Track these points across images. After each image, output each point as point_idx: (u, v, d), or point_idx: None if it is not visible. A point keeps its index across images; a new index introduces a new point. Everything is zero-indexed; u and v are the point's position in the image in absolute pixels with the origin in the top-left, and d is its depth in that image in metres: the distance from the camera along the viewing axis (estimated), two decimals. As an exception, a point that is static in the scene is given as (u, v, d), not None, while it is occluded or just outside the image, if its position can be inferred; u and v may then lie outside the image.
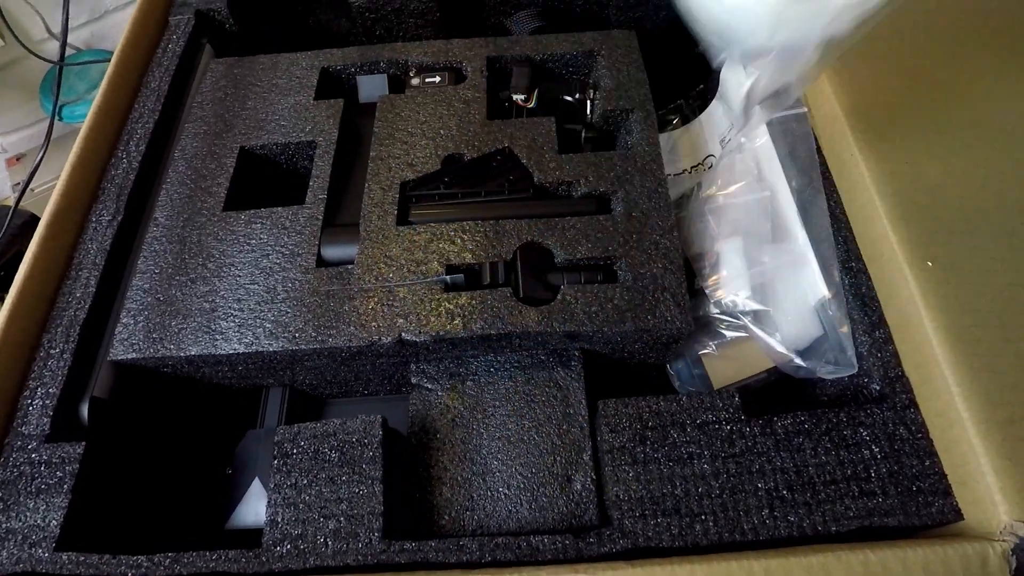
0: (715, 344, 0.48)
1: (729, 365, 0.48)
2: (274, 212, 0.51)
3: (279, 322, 0.46)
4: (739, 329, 0.47)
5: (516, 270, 0.47)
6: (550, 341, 0.45)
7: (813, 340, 0.45)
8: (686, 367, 0.50)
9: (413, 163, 0.53)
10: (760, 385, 0.49)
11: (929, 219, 0.41)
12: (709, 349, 0.48)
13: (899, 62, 0.48)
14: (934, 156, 0.43)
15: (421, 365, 0.48)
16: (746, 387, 0.49)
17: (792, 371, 0.45)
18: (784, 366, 0.46)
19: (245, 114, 0.57)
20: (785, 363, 0.45)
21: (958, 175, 0.42)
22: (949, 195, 0.42)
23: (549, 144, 0.53)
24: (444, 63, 0.59)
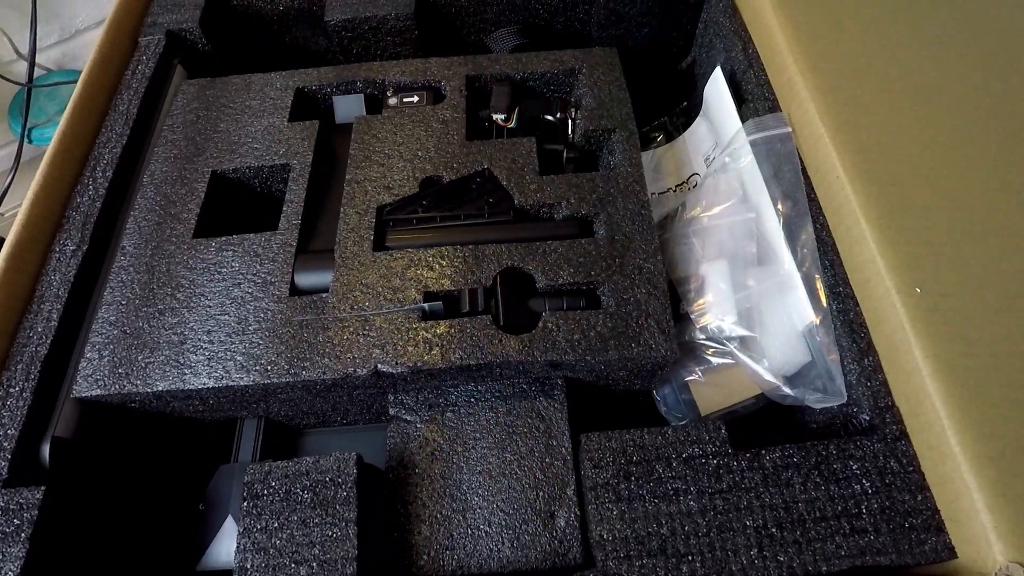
0: (701, 370, 0.47)
1: (716, 391, 0.47)
2: (246, 239, 0.49)
3: (251, 355, 0.44)
4: (725, 355, 0.46)
5: (496, 296, 0.45)
6: (532, 370, 0.44)
7: (801, 367, 0.44)
8: (672, 393, 0.48)
9: (390, 186, 0.51)
10: (747, 412, 0.48)
11: (917, 243, 0.40)
12: (695, 375, 0.47)
13: (885, 81, 0.47)
14: (921, 177, 0.42)
15: (399, 396, 0.46)
16: (733, 413, 0.47)
17: (779, 398, 0.44)
18: (771, 393, 0.44)
19: (217, 137, 0.56)
20: (772, 390, 0.44)
21: (946, 198, 0.41)
22: (937, 218, 0.41)
23: (530, 165, 0.51)
24: (422, 82, 0.58)
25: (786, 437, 0.48)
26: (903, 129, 0.45)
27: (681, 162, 0.62)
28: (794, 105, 0.48)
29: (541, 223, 0.50)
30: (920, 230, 0.40)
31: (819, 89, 0.46)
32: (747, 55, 0.54)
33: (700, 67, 0.66)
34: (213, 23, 0.65)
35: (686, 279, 0.49)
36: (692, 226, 0.51)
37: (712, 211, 0.50)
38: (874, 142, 0.44)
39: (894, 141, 0.44)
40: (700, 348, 0.47)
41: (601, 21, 0.63)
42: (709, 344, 0.46)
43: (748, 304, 0.45)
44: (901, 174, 0.43)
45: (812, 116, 0.46)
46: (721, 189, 0.51)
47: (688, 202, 0.53)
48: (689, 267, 0.49)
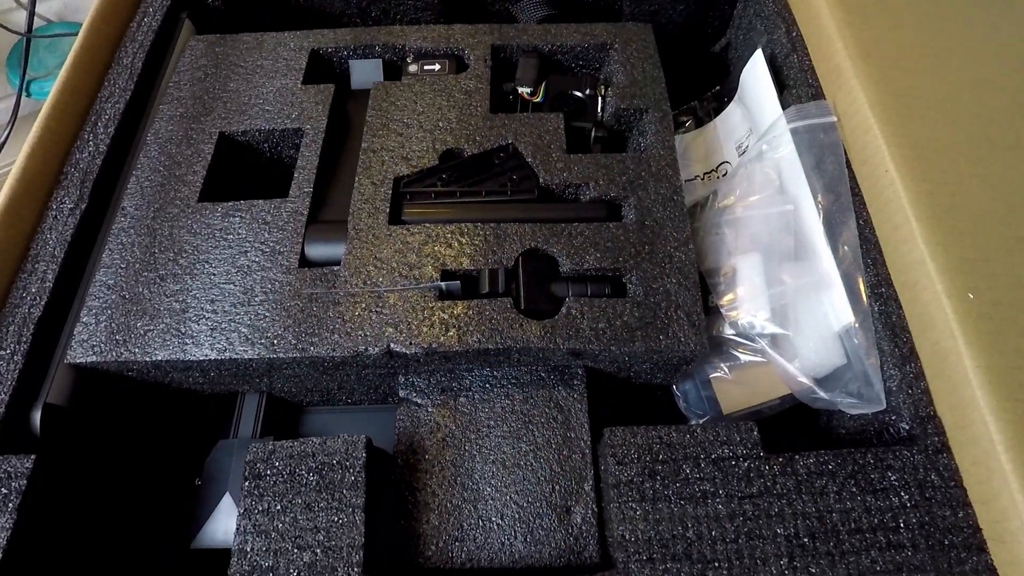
0: (727, 366, 0.45)
1: (741, 390, 0.45)
2: (254, 205, 0.47)
3: (256, 327, 0.42)
4: (756, 353, 0.43)
5: (518, 279, 0.43)
6: (552, 358, 0.42)
7: (834, 369, 0.42)
8: (694, 389, 0.46)
9: (408, 157, 0.49)
10: (772, 413, 0.46)
11: (969, 247, 0.38)
12: (720, 372, 0.45)
13: (942, 74, 0.44)
14: (976, 178, 0.40)
15: (410, 377, 0.44)
16: (757, 414, 0.45)
17: (809, 401, 0.42)
18: (802, 395, 0.42)
19: (226, 96, 0.53)
20: (804, 392, 0.42)
21: (1001, 201, 0.39)
22: (991, 222, 0.38)
23: (557, 142, 0.49)
24: (445, 50, 0.55)
25: (812, 441, 0.47)
26: (960, 126, 0.42)
27: (711, 149, 0.59)
28: (841, 93, 0.45)
29: (568, 204, 0.47)
30: (973, 233, 0.38)
31: (871, 78, 0.44)
32: (791, 38, 0.52)
33: (735, 51, 0.62)
34: (226, -25, 0.61)
35: (716, 271, 0.46)
36: (724, 216, 0.48)
37: (746, 201, 0.48)
38: (928, 138, 0.41)
39: (950, 138, 0.41)
40: (729, 344, 0.44)
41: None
42: (739, 340, 0.44)
43: (782, 301, 0.43)
44: (956, 173, 0.40)
45: (861, 106, 0.44)
46: (756, 178, 0.49)
47: (720, 191, 0.51)
48: (720, 259, 0.47)
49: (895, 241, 0.40)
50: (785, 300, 0.43)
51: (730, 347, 0.45)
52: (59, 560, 0.39)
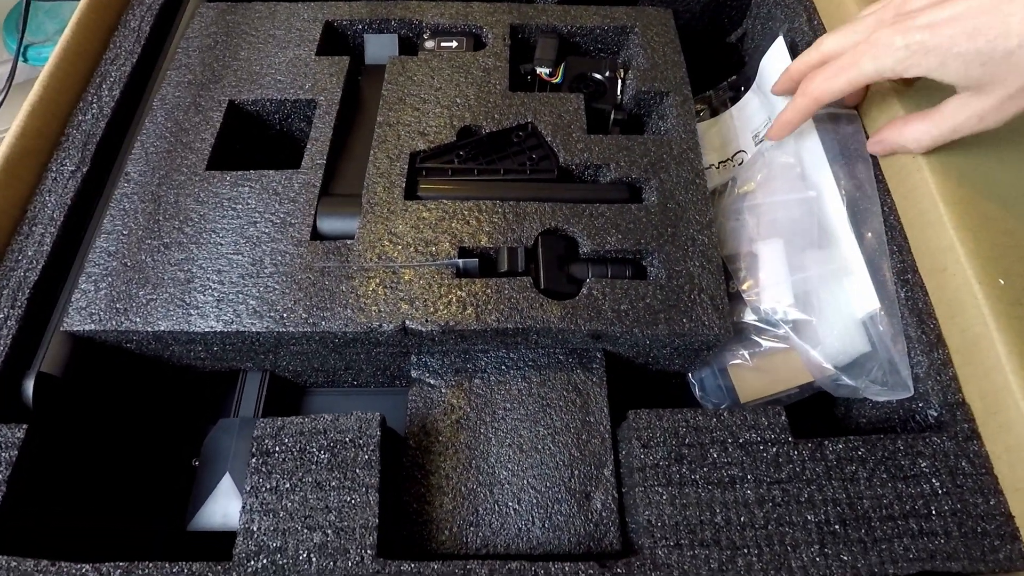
0: (748, 353, 0.44)
1: (760, 377, 0.44)
2: (264, 175, 0.45)
3: (265, 299, 0.40)
4: (779, 339, 0.43)
5: (537, 258, 0.42)
6: (571, 340, 0.41)
7: (858, 356, 0.41)
8: (711, 376, 0.45)
9: (425, 132, 0.47)
10: (790, 402, 0.45)
11: (999, 233, 0.37)
12: (740, 359, 0.44)
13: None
14: (1006, 163, 0.39)
15: (423, 357, 0.43)
16: (776, 402, 0.45)
17: (832, 388, 0.42)
18: (825, 382, 0.42)
19: (236, 65, 0.51)
20: (828, 379, 0.41)
21: (1031, 186, 0.39)
22: (1020, 207, 0.38)
23: (577, 123, 0.48)
24: (462, 27, 0.54)
25: (830, 428, 0.46)
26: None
27: (727, 138, 0.58)
28: (867, 80, 0.45)
29: (588, 185, 0.46)
30: (1003, 218, 0.38)
31: (897, 63, 0.43)
32: (812, 26, 0.51)
33: (752, 40, 0.62)
34: (236, -55, 0.60)
35: (736, 256, 0.46)
36: (745, 202, 0.47)
37: (768, 187, 0.47)
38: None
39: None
40: (750, 330, 0.44)
41: (654, -19, 0.59)
42: (761, 326, 0.43)
43: (805, 287, 0.42)
44: (982, 156, 0.40)
45: (887, 92, 0.43)
46: (777, 164, 0.48)
47: (740, 177, 0.50)
48: (741, 245, 0.46)
49: (921, 226, 0.39)
50: (808, 287, 0.42)
51: (752, 333, 0.44)
52: (50, 533, 0.37)
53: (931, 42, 0.32)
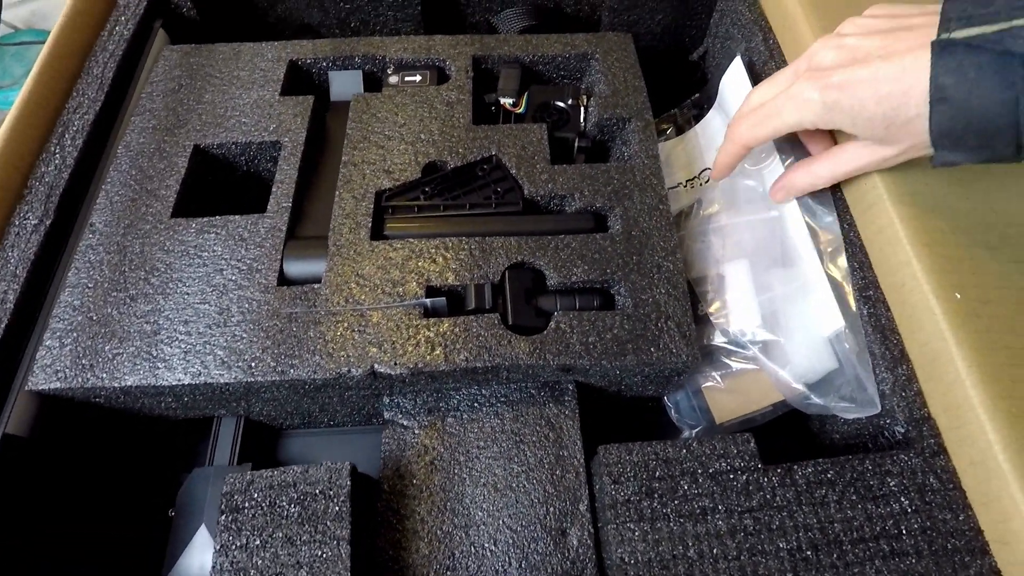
0: (719, 375, 0.44)
1: (733, 398, 0.45)
2: (230, 221, 0.45)
3: (233, 349, 0.40)
4: (747, 360, 0.43)
5: (504, 294, 0.42)
6: (542, 374, 0.41)
7: (827, 373, 0.42)
8: (686, 398, 0.46)
9: (390, 170, 0.47)
10: (764, 420, 0.45)
11: (953, 246, 0.38)
12: (712, 381, 0.44)
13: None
14: (952, 176, 0.40)
15: (396, 398, 0.43)
16: (750, 422, 0.45)
17: (803, 407, 0.42)
18: (795, 401, 0.42)
19: (201, 108, 0.51)
20: (797, 398, 0.41)
21: (979, 198, 0.39)
22: (971, 220, 0.39)
23: (541, 153, 0.48)
24: (426, 61, 0.54)
25: (804, 447, 0.46)
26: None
27: (692, 156, 0.59)
28: (822, 99, 0.46)
29: (554, 216, 0.47)
30: (957, 231, 0.38)
31: (850, 83, 0.44)
32: (768, 46, 0.52)
33: (713, 59, 0.63)
34: (197, -12, 0.60)
35: (704, 279, 0.46)
36: (711, 224, 0.48)
37: (732, 209, 0.48)
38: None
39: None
40: (720, 352, 0.44)
41: (613, 6, 0.60)
42: (730, 348, 0.43)
43: (772, 307, 0.43)
44: (934, 173, 0.40)
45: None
46: (740, 186, 0.49)
47: (705, 199, 0.50)
48: (708, 267, 0.46)
49: (880, 243, 0.40)
50: (775, 306, 0.43)
51: (721, 355, 0.44)
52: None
53: (844, 103, 0.35)
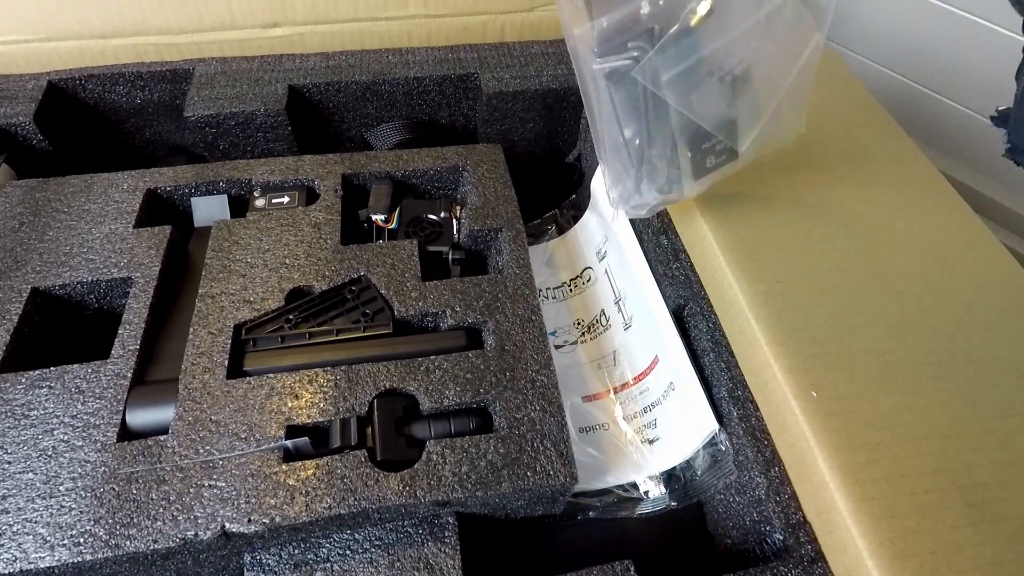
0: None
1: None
2: (67, 372, 0.41)
3: (58, 525, 0.35)
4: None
5: (373, 425, 0.40)
6: (416, 512, 0.38)
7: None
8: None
9: (251, 300, 0.45)
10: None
11: (808, 343, 0.39)
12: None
13: (760, 174, 0.48)
14: (802, 271, 0.42)
15: (258, 555, 0.38)
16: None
17: None
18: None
19: (43, 247, 0.48)
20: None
21: (828, 293, 0.41)
22: (823, 315, 0.40)
23: (411, 271, 0.47)
24: (294, 181, 0.54)
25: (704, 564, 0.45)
26: (782, 223, 0.45)
27: (574, 256, 0.60)
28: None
29: (425, 335, 0.45)
30: (809, 328, 0.40)
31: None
32: (628, 152, 0.54)
33: (587, 159, 0.66)
34: (52, 118, 0.58)
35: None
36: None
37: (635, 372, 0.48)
38: (757, 238, 0.44)
39: (775, 236, 0.44)
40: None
41: (485, 117, 0.62)
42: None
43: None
44: (785, 269, 0.42)
45: (696, 213, 0.46)
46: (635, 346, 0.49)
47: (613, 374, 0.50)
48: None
49: (742, 343, 0.41)
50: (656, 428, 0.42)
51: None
52: None
53: None
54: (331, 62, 0.62)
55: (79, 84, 0.60)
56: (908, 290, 0.43)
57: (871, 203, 0.49)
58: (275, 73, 0.60)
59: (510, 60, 0.63)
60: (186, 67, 0.61)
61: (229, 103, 0.57)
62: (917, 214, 0.50)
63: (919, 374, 0.39)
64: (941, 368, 0.39)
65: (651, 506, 0.45)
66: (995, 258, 0.48)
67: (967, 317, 0.43)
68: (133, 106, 0.62)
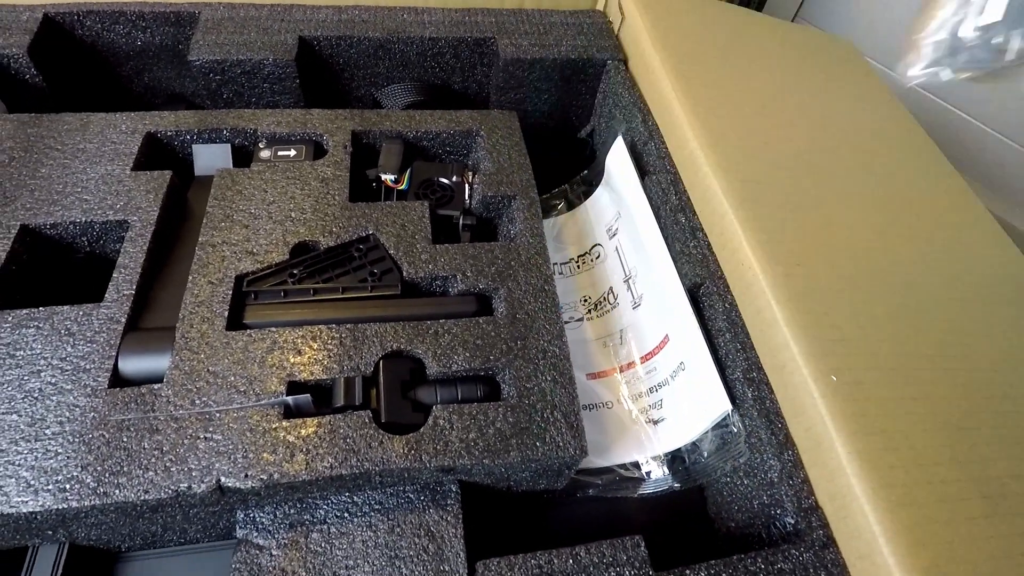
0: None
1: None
2: (56, 312, 0.39)
3: (43, 468, 0.33)
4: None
5: (378, 387, 0.38)
6: (420, 477, 0.37)
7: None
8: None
9: (254, 251, 0.43)
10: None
11: (827, 327, 0.38)
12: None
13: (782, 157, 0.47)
14: (822, 257, 0.41)
15: (251, 512, 0.37)
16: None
17: None
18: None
19: (35, 184, 0.45)
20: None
21: (847, 279, 0.41)
22: (843, 300, 0.40)
23: (421, 232, 0.46)
24: (301, 134, 0.52)
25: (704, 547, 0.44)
26: (802, 208, 0.44)
27: (583, 232, 0.59)
28: (697, 179, 0.47)
29: (435, 299, 0.44)
30: (829, 313, 0.39)
31: (720, 166, 0.45)
32: (647, 127, 0.53)
33: (600, 136, 0.64)
34: (48, 53, 0.55)
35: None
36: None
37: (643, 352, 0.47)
38: (776, 220, 0.43)
39: (795, 220, 0.43)
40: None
41: (500, 84, 0.60)
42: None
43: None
44: (804, 253, 0.41)
45: (715, 193, 0.45)
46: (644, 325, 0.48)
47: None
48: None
49: (760, 325, 0.40)
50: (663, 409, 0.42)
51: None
52: None
53: None
54: (343, 16, 0.59)
55: (77, 20, 0.57)
56: (927, 283, 0.43)
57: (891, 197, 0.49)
58: (285, 23, 0.58)
59: (528, 27, 0.61)
60: (192, 10, 0.58)
61: (236, 50, 0.55)
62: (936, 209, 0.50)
63: (936, 365, 0.38)
64: (958, 362, 0.39)
65: (653, 487, 0.44)
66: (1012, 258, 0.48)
67: (984, 312, 0.43)
68: (133, 47, 0.59)
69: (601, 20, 0.63)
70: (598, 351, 0.51)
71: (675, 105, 0.50)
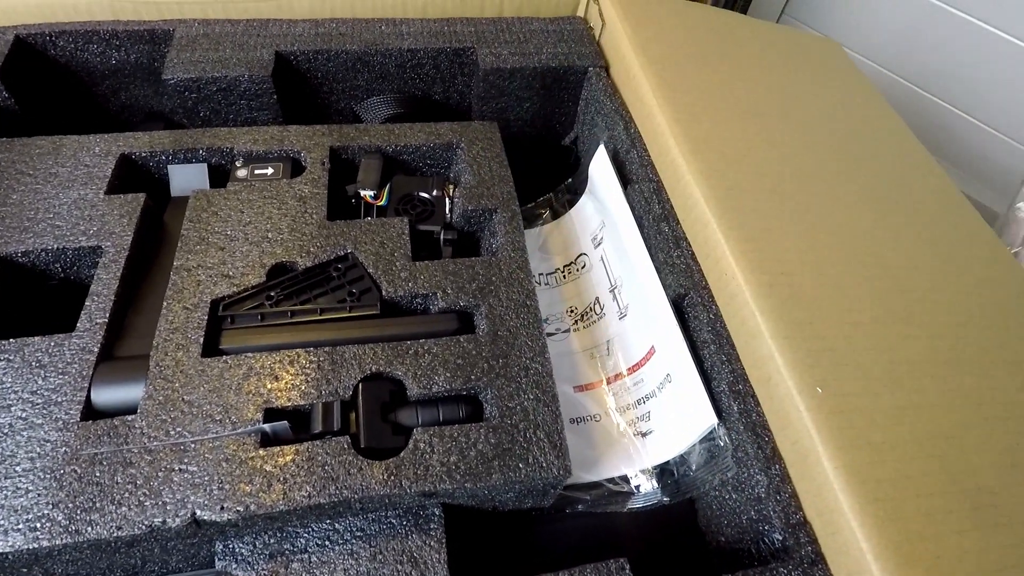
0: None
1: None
2: (26, 344, 0.38)
3: (12, 507, 0.32)
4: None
5: (357, 411, 0.37)
6: (401, 502, 0.36)
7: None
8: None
9: (230, 274, 0.43)
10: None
11: (812, 337, 0.38)
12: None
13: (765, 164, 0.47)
14: (807, 265, 0.41)
15: (230, 543, 0.36)
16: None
17: None
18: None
19: (5, 211, 0.45)
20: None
21: (833, 287, 0.40)
22: (828, 310, 0.39)
23: (401, 249, 0.45)
24: (278, 152, 0.51)
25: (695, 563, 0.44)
26: (786, 214, 0.44)
27: (568, 241, 0.58)
28: (679, 187, 0.46)
29: (414, 318, 0.43)
30: (814, 323, 0.38)
31: (702, 173, 0.45)
32: (629, 134, 0.53)
33: (584, 143, 0.64)
34: (20, 75, 0.54)
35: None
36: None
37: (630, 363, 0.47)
38: (760, 228, 0.42)
39: (779, 227, 0.43)
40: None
41: (481, 94, 0.60)
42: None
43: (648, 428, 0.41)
44: (789, 261, 0.41)
45: (698, 200, 0.44)
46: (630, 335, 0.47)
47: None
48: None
49: (745, 336, 0.39)
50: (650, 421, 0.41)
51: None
52: None
53: None
54: (320, 29, 0.59)
55: (49, 40, 0.56)
56: (914, 289, 0.42)
57: (878, 200, 0.48)
58: (261, 38, 0.57)
59: (508, 36, 0.61)
60: (166, 27, 0.57)
61: (211, 67, 0.54)
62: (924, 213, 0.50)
63: (924, 374, 0.38)
64: (946, 369, 0.38)
65: (642, 501, 0.43)
66: (1001, 260, 0.47)
67: (973, 319, 0.42)
68: (108, 67, 0.59)
69: (582, 26, 0.63)
70: (584, 363, 0.50)
71: (656, 112, 0.50)
